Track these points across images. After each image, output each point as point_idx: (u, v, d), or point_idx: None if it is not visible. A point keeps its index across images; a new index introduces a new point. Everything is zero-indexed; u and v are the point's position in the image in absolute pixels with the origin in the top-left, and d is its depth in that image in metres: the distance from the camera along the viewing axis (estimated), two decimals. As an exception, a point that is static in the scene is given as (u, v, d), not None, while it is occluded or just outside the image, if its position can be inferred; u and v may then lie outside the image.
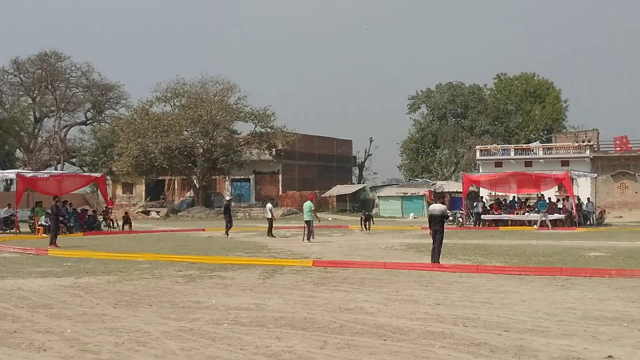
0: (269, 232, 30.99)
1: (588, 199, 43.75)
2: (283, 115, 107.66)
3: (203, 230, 37.78)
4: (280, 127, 64.56)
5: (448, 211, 20.10)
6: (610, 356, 7.91)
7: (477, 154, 60.27)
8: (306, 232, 28.05)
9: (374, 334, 9.27)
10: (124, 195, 75.85)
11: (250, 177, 70.87)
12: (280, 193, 68.38)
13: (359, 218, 38.61)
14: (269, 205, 32.77)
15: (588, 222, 40.45)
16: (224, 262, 19.35)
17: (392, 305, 11.71)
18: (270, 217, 31.61)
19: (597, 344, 8.57)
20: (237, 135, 65.74)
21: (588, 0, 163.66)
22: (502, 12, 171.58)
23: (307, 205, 28.71)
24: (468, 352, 8.23)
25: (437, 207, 18.74)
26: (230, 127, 63.82)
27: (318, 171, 75.44)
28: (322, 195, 66.55)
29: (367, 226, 36.12)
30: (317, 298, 12.55)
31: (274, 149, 66.59)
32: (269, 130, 64.52)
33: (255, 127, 65.10)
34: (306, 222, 28.23)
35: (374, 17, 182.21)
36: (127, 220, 38.87)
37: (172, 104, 65.43)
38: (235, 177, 69.83)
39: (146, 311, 11.30)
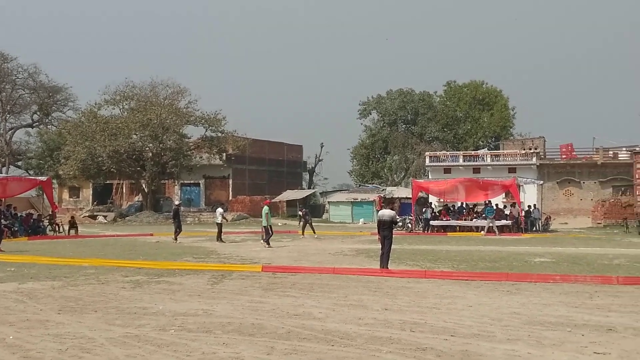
0: (219, 237, 30.81)
1: (534, 205, 44.44)
2: (234, 120, 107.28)
3: (151, 235, 37.35)
4: (231, 131, 64.23)
5: (397, 217, 20.24)
6: (553, 360, 8.06)
7: (427, 160, 60.82)
8: (264, 237, 28.08)
9: (321, 340, 9.27)
10: (71, 199, 74.59)
11: (200, 181, 70.37)
12: (230, 198, 68.04)
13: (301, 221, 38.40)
14: (219, 210, 32.56)
15: (534, 229, 41.10)
16: (172, 267, 19.16)
17: (340, 310, 11.72)
18: (219, 221, 31.44)
19: (540, 348, 8.71)
20: (187, 140, 65.17)
21: (534, 10, 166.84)
22: (451, 21, 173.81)
23: (264, 210, 28.75)
24: (414, 357, 8.28)
25: (387, 213, 18.86)
26: (180, 131, 63.22)
27: (269, 176, 75.28)
28: (273, 201, 66.38)
29: (306, 229, 35.91)
30: (266, 303, 12.51)
31: (224, 154, 66.23)
32: (219, 134, 64.14)
33: (206, 131, 64.72)
34: (264, 227, 28.23)
35: (324, 22, 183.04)
36: (73, 224, 38.15)
37: (121, 107, 64.54)
38: (185, 182, 69.25)
39: (91, 317, 11.12)
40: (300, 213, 36.33)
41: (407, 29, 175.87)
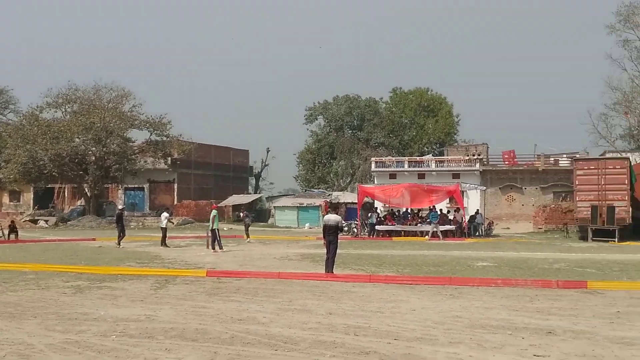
0: (163, 242, 30.49)
1: (477, 210, 45.07)
2: (179, 124, 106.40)
3: (94, 239, 36.76)
4: (176, 135, 63.69)
5: (343, 222, 20.31)
6: (493, 363, 8.17)
7: (373, 165, 61.14)
8: (214, 241, 27.87)
9: (265, 344, 9.23)
10: (11, 203, 72.96)
11: (144, 185, 69.54)
12: (175, 202, 67.38)
13: (254, 228, 38.30)
14: (164, 214, 32.23)
15: (477, 233, 41.72)
16: (114, 272, 18.90)
17: (284, 315, 11.70)
18: (164, 226, 31.13)
19: (482, 351, 8.82)
20: (131, 143, 64.33)
21: (479, 19, 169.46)
22: (398, 27, 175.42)
23: (213, 214, 28.58)
24: (358, 361, 8.32)
25: (332, 218, 18.94)
26: (125, 134, 62.42)
27: (214, 180, 74.84)
28: (219, 205, 65.96)
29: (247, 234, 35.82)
30: (210, 308, 12.42)
31: (169, 158, 65.60)
32: (164, 138, 63.51)
33: (151, 135, 64.03)
34: (211, 230, 28.04)
35: (270, 26, 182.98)
36: (13, 229, 37.32)
37: (64, 110, 63.43)
38: (129, 186, 68.40)
39: (30, 323, 10.89)
40: (241, 214, 36.01)
41: (354, 35, 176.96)
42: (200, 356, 8.62)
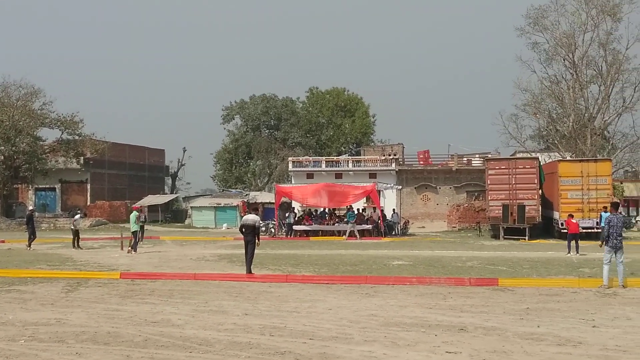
0: (75, 244, 29.75)
1: (393, 210, 45.64)
2: (92, 123, 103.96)
3: (2, 242, 35.54)
4: (89, 134, 62.16)
5: (261, 222, 20.27)
6: (407, 360, 8.27)
7: (290, 165, 61.16)
8: (132, 243, 27.29)
9: (179, 347, 9.12)
10: None
11: (56, 186, 67.61)
12: (88, 203, 65.82)
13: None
14: (76, 216, 31.43)
15: (393, 232, 42.23)
16: (23, 275, 18.38)
17: (200, 316, 11.58)
18: (73, 227, 30.38)
19: (395, 349, 8.93)
20: (41, 143, 62.43)
21: (394, 20, 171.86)
22: (314, 26, 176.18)
23: (133, 215, 27.99)
24: (273, 361, 8.30)
25: (250, 218, 18.98)
26: (35, 133, 60.45)
27: (129, 181, 73.46)
28: (133, 206, 64.83)
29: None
30: (123, 311, 12.19)
31: (82, 157, 63.93)
32: (76, 137, 61.81)
33: (62, 134, 62.19)
34: (132, 232, 27.47)
35: (185, 24, 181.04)
36: None
37: (-30, 108, 61.08)
38: (40, 186, 66.37)
39: None
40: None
41: (270, 33, 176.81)
42: (112, 359, 8.45)
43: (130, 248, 27.16)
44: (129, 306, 12.80)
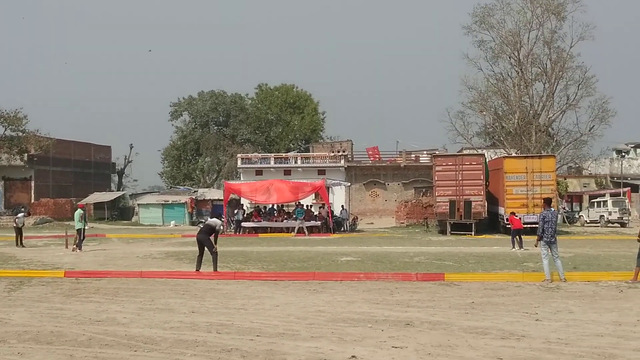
0: (19, 242, 29.16)
1: (342, 206, 45.79)
2: (36, 119, 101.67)
3: (-57, 241, 34.67)
4: (33, 131, 60.93)
5: (221, 227, 20.12)
6: (353, 356, 8.30)
7: (239, 162, 60.95)
8: (77, 241, 26.82)
9: (124, 345, 9.00)
10: None
11: (-1, 183, 66.29)
12: (32, 200, 64.59)
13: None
14: (20, 214, 30.80)
15: (342, 229, 42.37)
16: (-36, 275, 17.90)
17: (146, 315, 11.46)
18: (16, 225, 29.78)
19: (342, 345, 8.96)
20: (-16, 139, 61.08)
21: (343, 18, 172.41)
22: (263, 23, 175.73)
23: (77, 213, 27.51)
24: (219, 358, 8.26)
25: (213, 220, 18.93)
26: (-24, 130, 59.17)
27: (75, 178, 72.28)
28: (78, 203, 63.84)
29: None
30: (67, 310, 11.99)
31: (25, 154, 62.69)
32: (20, 134, 60.57)
33: (5, 130, 60.85)
34: (77, 230, 27.00)
35: (133, 20, 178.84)
36: None
37: None
38: (-17, 184, 64.98)
39: None
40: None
41: (219, 29, 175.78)
42: (55, 359, 8.29)
43: (75, 246, 26.72)
44: (73, 305, 12.60)
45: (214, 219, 19.23)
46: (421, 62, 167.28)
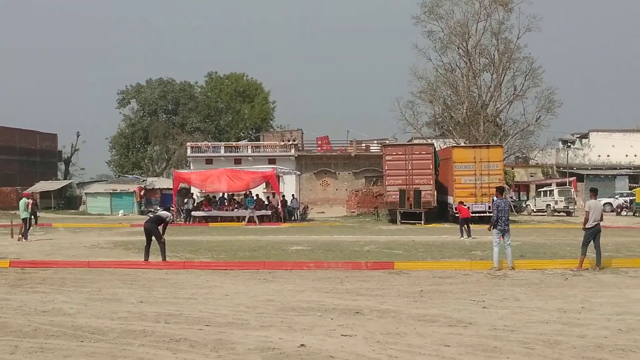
0: None
1: (293, 195, 45.82)
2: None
3: None
4: (-24, 118, 59.66)
5: (171, 218, 19.90)
6: (302, 345, 8.31)
7: (188, 150, 60.53)
8: (22, 230, 26.31)
9: (70, 336, 8.87)
10: None
11: (-59, 172, 64.76)
12: (-24, 189, 63.24)
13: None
14: None
15: (293, 218, 42.42)
16: None
17: (93, 305, 11.30)
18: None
19: (291, 333, 8.96)
20: None
21: (293, 6, 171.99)
22: (214, 11, 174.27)
23: (22, 202, 26.98)
24: (167, 348, 8.18)
25: (164, 212, 18.75)
26: None
27: (20, 166, 70.98)
28: (24, 192, 62.61)
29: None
30: (12, 301, 11.75)
31: (-32, 142, 61.39)
32: (-37, 121, 59.29)
33: (-53, 117, 59.52)
34: (22, 220, 26.49)
35: (79, 3, 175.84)
36: None
37: None
38: None
39: None
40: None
41: (168, 16, 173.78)
42: (0, 350, 8.13)
43: (20, 235, 26.23)
44: (19, 295, 12.36)
45: (164, 212, 19.10)
46: (371, 51, 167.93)
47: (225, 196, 44.17)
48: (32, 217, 28.55)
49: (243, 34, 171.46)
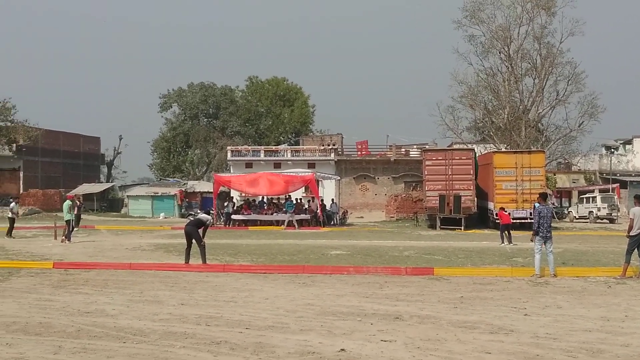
0: (9, 233, 28.99)
1: (332, 200, 45.81)
2: (25, 109, 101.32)
3: None
4: (22, 121, 60.62)
5: (211, 222, 20.07)
6: (342, 349, 8.30)
7: (229, 154, 60.86)
8: (66, 232, 26.72)
9: (113, 337, 8.98)
10: None
11: (-13, 173, 65.98)
12: (21, 191, 64.27)
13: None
14: (12, 204, 30.63)
15: (332, 222, 42.42)
16: (-49, 265, 17.81)
17: (135, 306, 11.43)
18: (11, 215, 29.63)
19: (331, 338, 8.96)
20: (-28, 129, 60.68)
21: (334, 10, 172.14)
22: (256, 16, 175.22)
23: (66, 204, 27.41)
24: (208, 351, 8.25)
25: (203, 215, 18.94)
26: (-36, 120, 58.81)
27: (64, 169, 71.99)
28: (68, 194, 63.56)
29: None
30: (55, 301, 11.95)
31: (14, 145, 62.38)
32: (8, 124, 60.25)
33: (-6, 120, 60.59)
34: (66, 221, 26.92)
35: (123, 12, 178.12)
36: None
37: None
38: (-30, 174, 64.61)
39: None
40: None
41: (209, 20, 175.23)
42: (44, 350, 8.27)
43: (64, 237, 26.63)
44: (62, 296, 12.55)
45: (205, 215, 19.26)
46: (412, 55, 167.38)
47: (265, 200, 44.36)
48: (76, 219, 28.91)
49: (285, 39, 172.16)
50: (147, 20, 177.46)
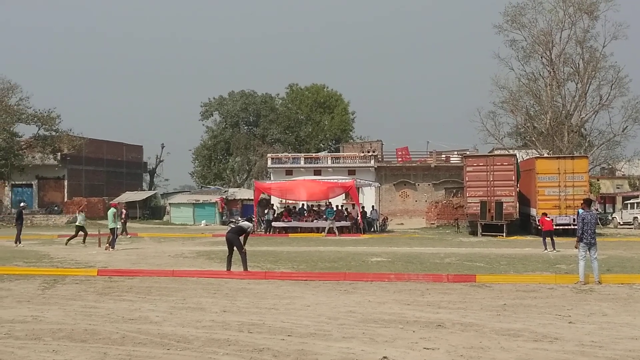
0: (78, 239, 29.55)
1: (372, 206, 45.73)
2: (69, 119, 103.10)
3: (-21, 238, 35.18)
4: (66, 130, 61.58)
5: (252, 229, 20.21)
6: (385, 357, 8.28)
7: (269, 162, 61.14)
8: (110, 240, 27.10)
9: (157, 344, 9.08)
10: None
11: (32, 182, 67.12)
12: (65, 199, 65.33)
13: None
14: (80, 215, 30.94)
15: (372, 229, 42.33)
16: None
17: (178, 313, 11.54)
18: (80, 224, 30.07)
19: (374, 345, 8.95)
20: (18, 138, 61.74)
21: (373, 17, 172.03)
22: (295, 23, 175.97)
23: (110, 212, 27.80)
24: (251, 357, 8.29)
25: (245, 223, 19.11)
26: (11, 129, 59.80)
27: (107, 177, 72.99)
28: (111, 202, 64.40)
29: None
30: (100, 308, 12.11)
31: (59, 153, 63.41)
32: (53, 133, 61.21)
33: (39, 130, 61.57)
34: (110, 229, 27.29)
35: (163, 20, 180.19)
36: None
37: (-53, 104, 60.29)
38: (16, 183, 65.76)
39: None
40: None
41: (249, 29, 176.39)
42: (89, 357, 8.39)
43: (108, 245, 26.99)
44: (106, 303, 12.72)
45: (246, 222, 19.38)
46: (452, 61, 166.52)
47: (305, 207, 44.44)
48: (120, 226, 29.18)
49: (324, 45, 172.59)
50: (190, 35, 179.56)
